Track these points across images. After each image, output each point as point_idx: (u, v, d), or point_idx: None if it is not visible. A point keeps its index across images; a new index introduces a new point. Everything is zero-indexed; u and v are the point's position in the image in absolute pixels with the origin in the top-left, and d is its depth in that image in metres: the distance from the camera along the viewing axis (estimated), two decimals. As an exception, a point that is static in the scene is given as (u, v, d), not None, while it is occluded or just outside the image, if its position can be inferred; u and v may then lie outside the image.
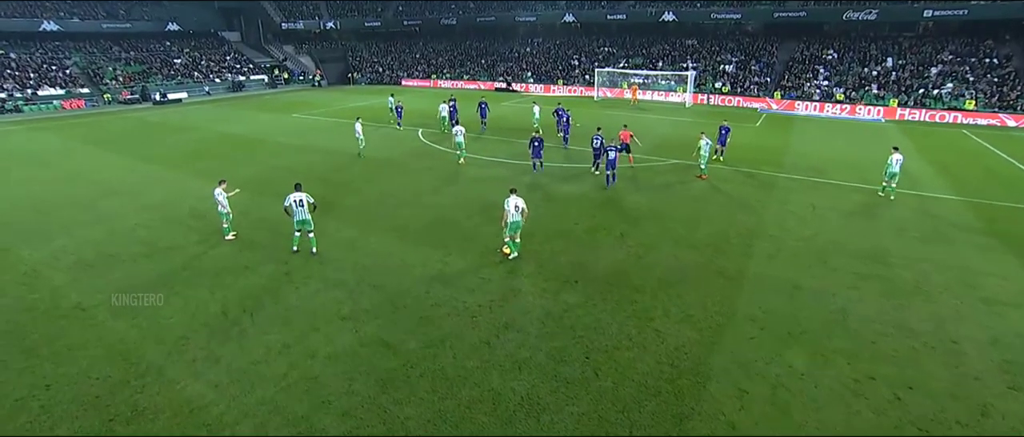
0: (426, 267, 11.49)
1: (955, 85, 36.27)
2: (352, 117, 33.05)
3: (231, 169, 19.98)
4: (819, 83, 41.09)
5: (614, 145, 17.75)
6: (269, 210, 15.04)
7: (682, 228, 13.94)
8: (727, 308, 10.01)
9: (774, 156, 22.49)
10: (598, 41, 58.40)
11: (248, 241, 12.93)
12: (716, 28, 52.98)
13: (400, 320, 9.41)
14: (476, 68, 60.23)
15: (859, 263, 11.91)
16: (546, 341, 8.87)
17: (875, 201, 16.42)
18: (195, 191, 17.11)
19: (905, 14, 39.75)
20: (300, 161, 21.28)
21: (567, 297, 10.29)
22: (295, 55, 67.55)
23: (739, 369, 8.19)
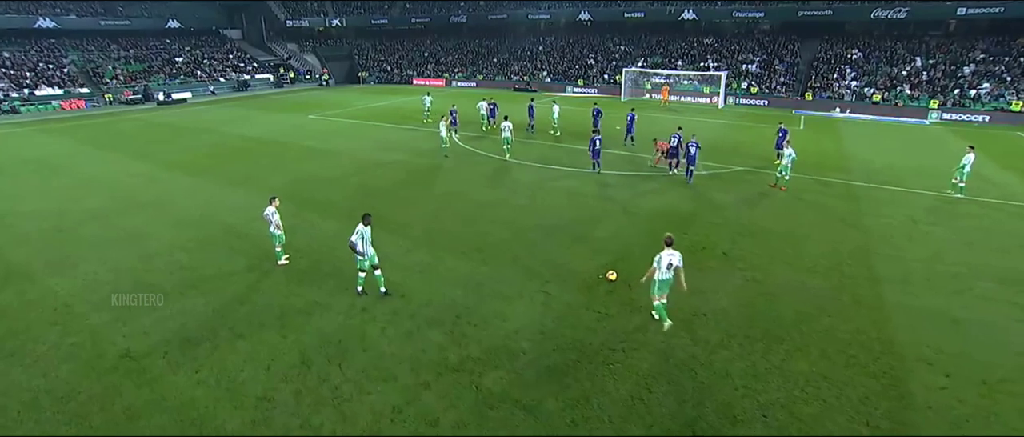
0: (527, 299, 9.97)
1: (993, 85, 35.23)
2: (373, 118, 31.74)
3: (261, 176, 18.33)
4: (848, 84, 39.93)
5: (695, 141, 17.86)
6: (319, 227, 13.46)
7: (787, 247, 12.52)
8: (887, 347, 8.62)
9: (837, 162, 21.19)
10: (614, 40, 56.95)
11: (305, 267, 11.31)
12: (735, 27, 51.74)
13: (523, 371, 7.88)
14: (488, 67, 58.62)
15: (1009, 290, 10.55)
16: (706, 394, 7.41)
17: (972, 212, 15.13)
18: (227, 203, 15.46)
19: (936, 12, 38.67)
20: (332, 167, 19.63)
21: (702, 333, 8.83)
22: (299, 53, 65.55)
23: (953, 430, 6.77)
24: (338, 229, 13.33)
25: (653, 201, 15.88)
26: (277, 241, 11.26)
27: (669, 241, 8.86)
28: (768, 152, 21.61)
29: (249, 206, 15.03)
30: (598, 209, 15.06)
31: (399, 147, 23.47)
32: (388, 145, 23.92)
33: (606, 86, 49.18)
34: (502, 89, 52.41)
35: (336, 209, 14.90)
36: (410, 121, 30.33)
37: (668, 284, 8.86)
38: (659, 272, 8.73)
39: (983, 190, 17.26)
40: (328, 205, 15.21)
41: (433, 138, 25.48)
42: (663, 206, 15.45)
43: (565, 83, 51.39)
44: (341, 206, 15.19)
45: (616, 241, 12.80)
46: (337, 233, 13.07)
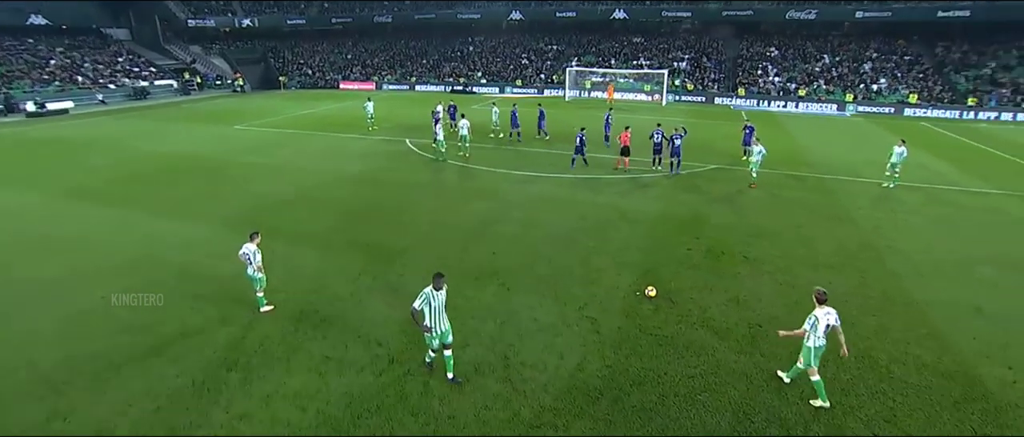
0: (573, 328, 8.89)
1: (888, 80, 39.29)
2: (310, 127, 28.90)
3: (204, 202, 15.62)
4: (771, 79, 42.80)
5: (679, 133, 18.34)
6: (296, 260, 11.42)
7: (799, 247, 12.48)
8: (941, 344, 8.61)
9: (797, 155, 22.18)
10: (545, 39, 57.08)
11: (296, 312, 9.41)
12: (663, 26, 53.70)
13: (611, 417, 6.82)
14: (419, 69, 56.42)
15: (1008, 274, 11.16)
16: (806, 416, 6.79)
17: (932, 200, 16.25)
18: (170, 238, 12.84)
19: (839, 14, 42.48)
20: (287, 185, 17.24)
21: (768, 347, 8.27)
22: (205, 56, 59.18)
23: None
24: (320, 261, 11.44)
25: (649, 205, 15.41)
26: (259, 285, 9.25)
27: (823, 298, 6.97)
28: (734, 149, 22.13)
29: (201, 241, 12.60)
30: (597, 217, 14.30)
31: (354, 158, 21.33)
32: (341, 156, 21.67)
33: (544, 85, 49.03)
34: (436, 91, 50.59)
35: (311, 236, 12.87)
36: (353, 129, 27.94)
37: (821, 352, 7.05)
38: (813, 338, 6.91)
39: (928, 178, 18.70)
40: (299, 232, 13.12)
41: (386, 146, 23.58)
42: (661, 210, 15.02)
43: (503, 84, 50.60)
44: (316, 232, 13.17)
45: (633, 251, 12.09)
46: (320, 265, 11.20)
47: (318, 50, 62.91)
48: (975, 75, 37.53)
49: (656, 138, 18.79)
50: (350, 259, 11.57)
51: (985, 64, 38.14)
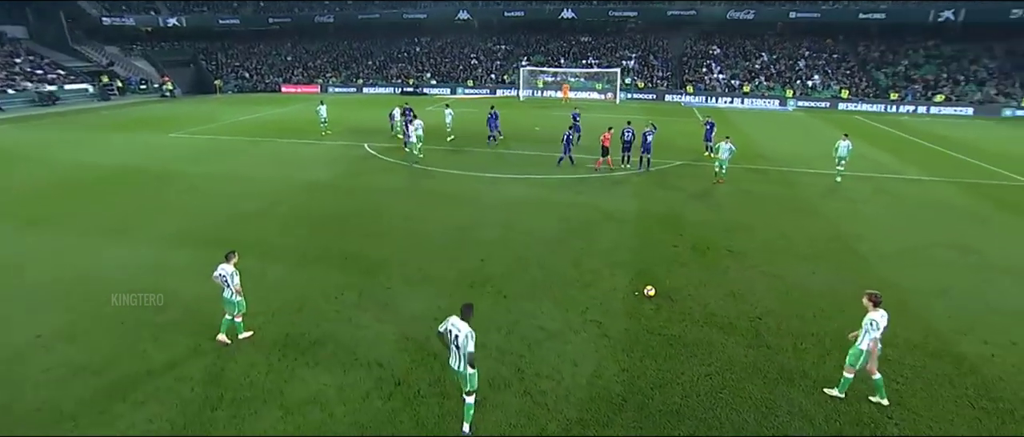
0: (581, 334, 8.61)
1: (822, 77, 42.06)
2: (257, 133, 27.09)
3: (148, 218, 14.11)
4: (716, 76, 44.69)
5: (650, 129, 18.78)
6: (267, 277, 10.45)
7: (777, 239, 12.84)
8: (923, 325, 9.03)
9: (753, 150, 23.08)
10: (494, 39, 56.83)
11: (278, 336, 8.55)
12: (610, 25, 54.68)
13: (639, 423, 6.58)
14: (365, 70, 54.59)
15: (959, 255, 12.00)
16: (828, 409, 6.87)
17: (879, 189, 17.36)
18: (113, 261, 11.42)
19: (774, 15, 45.02)
20: (246, 197, 15.93)
21: (774, 339, 8.35)
22: (125, 58, 54.46)
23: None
24: (295, 277, 10.56)
25: (627, 204, 15.45)
26: (237, 309, 8.31)
27: (878, 301, 6.79)
28: (696, 145, 22.74)
29: (152, 262, 11.32)
30: (579, 217, 14.17)
31: (313, 165, 20.12)
32: (299, 164, 20.39)
33: (496, 86, 48.76)
34: (385, 93, 49.12)
35: (281, 251, 11.87)
36: (306, 134, 26.46)
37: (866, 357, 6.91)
38: (867, 340, 6.74)
39: (873, 168, 20.02)
40: (267, 247, 12.07)
41: (345, 152, 22.46)
42: (640, 209, 15.08)
43: (454, 85, 49.86)
44: (286, 246, 12.17)
45: (622, 251, 12.01)
46: (296, 282, 10.33)
47: (255, 52, 59.52)
48: (892, 72, 40.87)
49: (627, 136, 18.97)
50: (328, 274, 10.75)
51: (900, 62, 41.62)
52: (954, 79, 38.69)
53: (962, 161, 21.75)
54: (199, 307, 9.30)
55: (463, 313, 6.13)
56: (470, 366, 6.08)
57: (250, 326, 8.59)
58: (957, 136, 27.80)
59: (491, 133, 23.70)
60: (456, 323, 6.07)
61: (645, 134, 18.85)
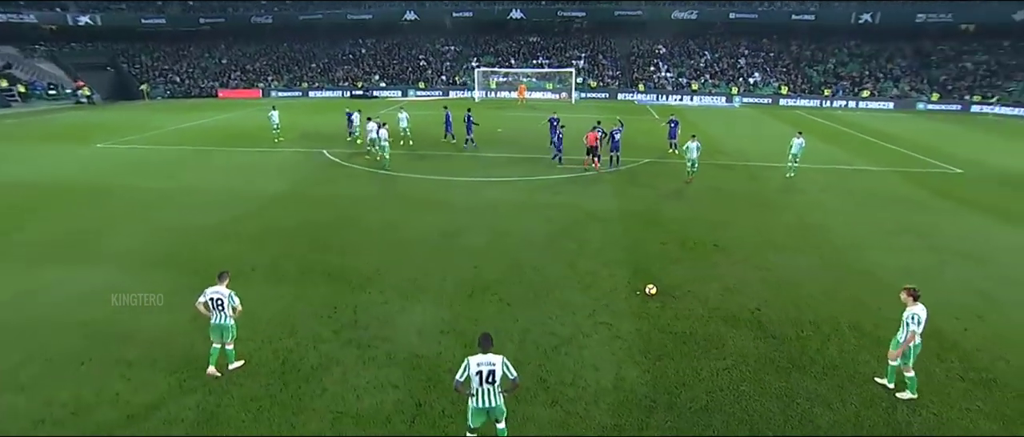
0: (593, 337, 8.49)
1: (762, 75, 44.55)
2: (200, 141, 25.22)
3: (98, 240, 12.69)
4: (664, 75, 46.26)
5: (618, 128, 19.40)
6: (245, 300, 9.65)
7: (756, 233, 13.24)
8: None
9: (712, 146, 23.83)
10: (442, 40, 56.10)
11: (271, 362, 7.86)
12: (558, 25, 55.25)
13: (672, 420, 6.55)
14: (309, 73, 52.33)
15: (916, 240, 12.96)
16: (840, 389, 7.14)
17: (834, 180, 18.53)
18: (53, 289, 10.16)
19: (716, 16, 47.21)
20: (205, 212, 14.66)
21: (777, 328, 8.61)
22: (25, 59, 48.99)
23: None
24: (279, 298, 9.80)
25: (607, 203, 15.56)
26: (230, 335, 7.59)
27: (918, 295, 6.92)
28: (659, 143, 23.33)
29: (107, 291, 10.10)
30: (562, 218, 14.11)
31: (273, 175, 18.92)
32: (256, 174, 19.11)
33: (449, 87, 48.14)
34: (333, 97, 47.30)
35: (257, 270, 10.98)
36: (256, 141, 24.90)
37: (919, 349, 6.99)
38: (918, 336, 6.83)
39: (824, 159, 21.29)
40: (241, 265, 11.08)
41: (304, 160, 21.32)
42: (620, 207, 15.21)
43: (405, 87, 48.71)
44: (261, 264, 11.27)
45: (614, 250, 12.05)
46: (281, 303, 9.59)
47: (185, 54, 55.64)
48: (823, 69, 43.94)
49: (598, 135, 19.10)
50: (314, 291, 10.08)
51: (828, 60, 44.83)
52: (875, 76, 42.14)
53: (896, 151, 23.64)
54: (171, 338, 8.44)
55: (485, 346, 5.60)
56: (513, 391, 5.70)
57: (240, 354, 7.86)
58: (886, 128, 30.24)
59: (468, 135, 23.34)
60: (482, 360, 5.50)
61: (613, 133, 19.14)
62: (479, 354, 5.56)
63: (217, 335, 7.48)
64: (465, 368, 5.51)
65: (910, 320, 6.89)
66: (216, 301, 7.29)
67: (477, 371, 5.47)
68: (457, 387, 5.57)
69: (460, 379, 5.53)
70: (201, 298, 7.35)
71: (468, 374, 5.48)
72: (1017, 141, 27.18)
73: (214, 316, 7.35)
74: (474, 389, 5.52)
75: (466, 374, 5.49)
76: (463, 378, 5.51)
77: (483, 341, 5.62)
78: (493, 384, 5.51)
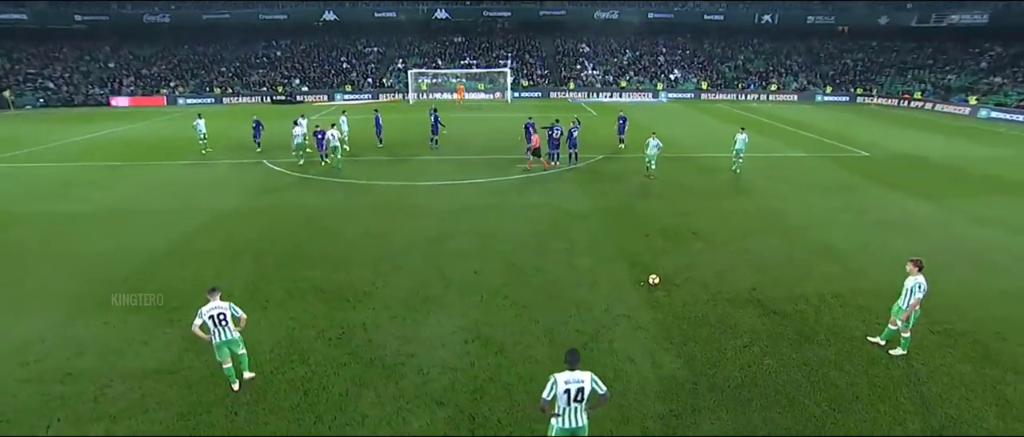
0: (619, 330, 8.60)
1: (681, 71, 47.61)
2: (107, 156, 22.32)
3: (24, 280, 10.77)
4: (590, 73, 47.91)
5: (574, 125, 19.76)
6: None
7: (721, 220, 14.01)
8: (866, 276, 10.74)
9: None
10: (364, 41, 54.06)
11: (295, 394, 7.14)
12: (482, 25, 55.27)
13: (723, 404, 6.83)
14: (220, 78, 48.10)
15: (858, 218, 14.57)
16: (848, 365, 7.85)
17: (781, 167, 20.22)
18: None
19: (635, 15, 49.70)
20: (154, 237, 12.93)
21: (781, 306, 9.29)
22: None
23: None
24: (272, 323, 8.92)
25: (580, 201, 15.71)
26: (237, 348, 7.03)
27: (921, 265, 7.67)
28: (606, 140, 24.06)
29: (61, 341, 8.66)
30: (543, 218, 14.12)
31: (215, 190, 17.14)
32: (196, 190, 17.19)
33: (378, 90, 46.47)
34: (251, 103, 43.86)
35: (233, 293, 9.77)
36: (181, 154, 22.42)
37: (917, 315, 7.87)
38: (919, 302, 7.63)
39: (761, 149, 22.98)
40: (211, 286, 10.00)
41: (244, 171, 19.58)
42: (595, 204, 15.42)
43: (331, 91, 46.26)
44: (235, 286, 10.11)
45: (604, 246, 12.28)
46: (277, 328, 8.76)
47: (58, 56, 48.96)
48: (733, 65, 47.89)
49: (556, 133, 19.24)
50: (310, 312, 9.29)
51: (737, 57, 48.94)
52: (778, 71, 46.65)
53: (811, 138, 26.31)
54: (158, 381, 7.40)
55: (572, 362, 5.35)
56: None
57: (251, 389, 7.10)
58: (797, 118, 33.57)
59: (433, 136, 23.17)
60: (570, 377, 5.26)
61: (571, 130, 19.54)
62: (566, 371, 5.32)
63: (224, 353, 7.02)
64: (552, 386, 5.25)
65: (916, 288, 7.67)
66: (219, 317, 6.85)
67: (565, 389, 5.23)
68: (543, 407, 5.29)
69: (547, 398, 5.26)
70: (198, 320, 6.80)
71: (555, 393, 5.24)
72: (899, 127, 31.30)
73: (216, 335, 6.87)
74: (561, 408, 5.29)
75: (553, 392, 5.24)
76: (550, 397, 5.25)
77: (570, 357, 5.39)
78: (581, 402, 5.30)
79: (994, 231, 13.46)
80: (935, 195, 16.52)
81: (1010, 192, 17.18)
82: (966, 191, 17.16)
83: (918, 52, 45.79)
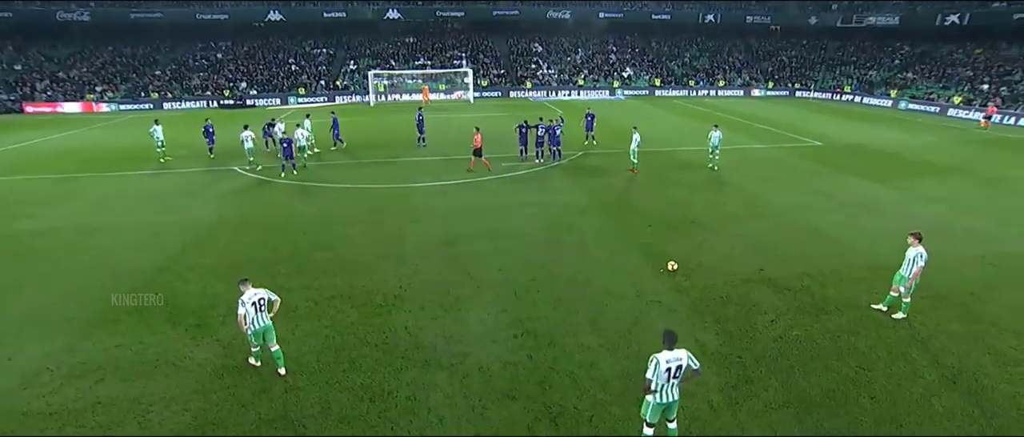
0: (654, 315, 9.01)
1: (633, 69, 49.34)
2: (45, 168, 20.36)
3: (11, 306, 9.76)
4: (547, 72, 48.67)
5: (559, 123, 20.22)
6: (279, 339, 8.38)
7: (710, 208, 14.89)
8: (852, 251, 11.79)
9: (625, 136, 25.78)
10: (312, 42, 52.08)
11: (357, 411, 7.01)
12: (432, 25, 54.57)
13: (776, 385, 7.38)
14: (155, 81, 44.74)
15: (826, 201, 15.89)
16: (890, 350, 8.68)
17: (749, 158, 21.51)
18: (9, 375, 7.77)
19: (586, 15, 50.96)
20: (141, 253, 12.00)
21: (791, 283, 10.03)
22: None
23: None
24: (297, 330, 8.67)
25: (578, 196, 16.08)
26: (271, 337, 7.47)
27: (921, 236, 8.67)
28: (577, 137, 24.39)
29: (49, 363, 7.98)
30: (545, 215, 14.35)
31: (193, 200, 16.06)
32: (171, 201, 16.01)
33: (334, 92, 44.88)
34: (195, 108, 41.14)
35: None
36: (138, 163, 20.76)
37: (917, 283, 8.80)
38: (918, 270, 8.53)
39: (726, 141, 24.23)
40: (230, 305, 9.49)
41: (217, 179, 18.53)
42: (592, 199, 15.88)
43: (284, 94, 44.15)
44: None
45: (613, 238, 12.71)
46: (315, 338, 8.51)
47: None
48: (681, 63, 50.23)
49: (540, 131, 19.73)
50: (345, 319, 9.06)
51: (684, 54, 51.38)
52: (722, 68, 49.42)
53: (767, 130, 28.16)
54: (203, 400, 7.04)
55: (670, 342, 5.66)
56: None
57: (308, 402, 6.95)
58: (748, 111, 35.73)
59: (420, 135, 23.61)
60: (670, 356, 5.59)
61: (554, 128, 19.95)
62: (666, 351, 5.64)
63: (259, 339, 7.37)
64: (655, 365, 5.55)
65: (917, 257, 8.59)
66: (259, 302, 7.19)
67: (666, 368, 5.57)
68: (646, 386, 5.61)
69: (651, 378, 5.57)
70: (241, 309, 7.14)
71: (658, 372, 5.57)
72: (838, 118, 33.99)
73: (256, 322, 7.19)
74: (658, 385, 5.61)
75: (656, 372, 5.56)
76: (654, 376, 5.57)
77: (669, 338, 5.70)
78: (677, 379, 5.66)
79: (941, 207, 15.11)
80: (885, 178, 18.27)
81: (941, 173, 19.25)
82: (906, 174, 19.06)
83: (843, 50, 50.02)
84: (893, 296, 9.12)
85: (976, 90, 35.76)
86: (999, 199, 16.01)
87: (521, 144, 19.91)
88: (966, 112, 33.00)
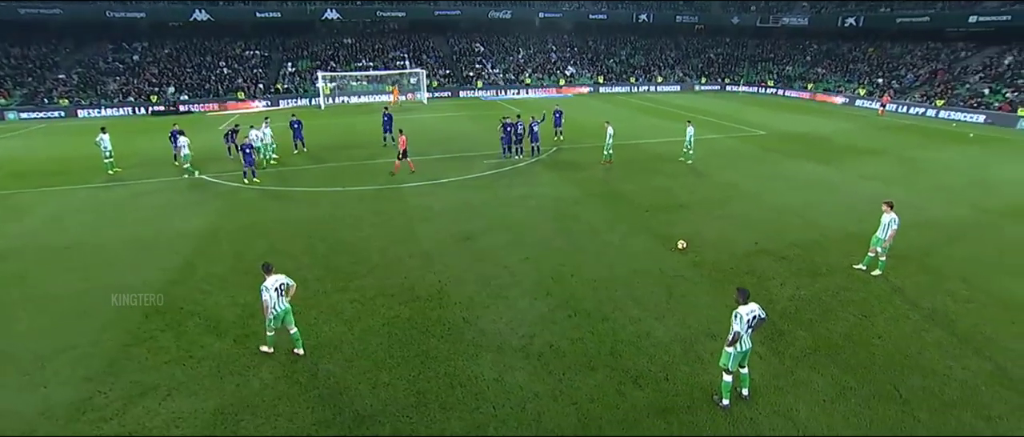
0: (685, 289, 9.95)
1: (575, 68, 51.05)
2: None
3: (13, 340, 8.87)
4: (493, 72, 49.22)
5: (536, 121, 21.16)
6: (325, 339, 8.40)
7: (690, 193, 16.30)
8: (826, 226, 13.51)
9: (584, 130, 27.03)
10: (242, 43, 49.12)
11: (444, 393, 7.35)
12: (371, 26, 53.21)
13: (808, 351, 8.51)
14: (60, 86, 40.24)
15: (793, 184, 17.81)
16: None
17: (713, 149, 23.01)
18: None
19: (527, 14, 52.00)
20: (137, 271, 11.11)
21: (797, 258, 11.38)
22: None
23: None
24: (351, 333, 8.79)
25: (568, 189, 16.82)
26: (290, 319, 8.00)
27: (892, 204, 10.20)
28: (546, 133, 25.12)
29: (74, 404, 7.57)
30: (547, 208, 14.93)
31: (167, 212, 14.99)
32: (142, 213, 14.84)
33: (278, 96, 42.64)
34: (119, 114, 37.58)
35: (295, 311, 9.32)
36: (84, 176, 18.74)
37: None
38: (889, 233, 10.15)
39: (680, 133, 26.24)
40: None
41: (190, 187, 17.48)
42: (584, 190, 16.67)
43: (222, 98, 41.26)
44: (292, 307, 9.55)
45: (620, 223, 13.59)
46: (359, 338, 8.65)
47: None
48: (619, 61, 52.69)
49: (520, 129, 20.45)
50: (397, 315, 9.23)
51: (620, 52, 53.92)
52: (658, 65, 52.43)
53: (714, 122, 30.45)
54: (290, 403, 7.06)
55: (745, 297, 6.56)
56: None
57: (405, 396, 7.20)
58: (694, 105, 38.20)
59: (386, 134, 23.94)
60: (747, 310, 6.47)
61: (532, 125, 20.65)
62: (741, 305, 6.54)
63: (278, 322, 7.82)
64: (738, 319, 6.44)
65: (891, 222, 10.22)
66: (280, 287, 7.72)
67: (748, 319, 6.47)
68: (736, 337, 6.46)
69: (738, 329, 6.44)
70: (265, 294, 7.60)
71: (742, 324, 6.44)
72: (770, 109, 37.11)
73: (278, 306, 7.68)
74: (742, 333, 6.50)
75: (741, 324, 6.44)
76: (740, 327, 6.44)
77: (743, 294, 6.61)
78: (752, 328, 6.57)
79: (876, 184, 17.41)
80: (826, 160, 20.68)
81: (866, 154, 22.04)
82: (840, 156, 21.65)
83: (763, 47, 54.80)
84: (871, 256, 10.71)
85: (874, 83, 40.78)
86: (915, 176, 18.66)
87: (504, 143, 20.40)
88: (869, 102, 37.56)
